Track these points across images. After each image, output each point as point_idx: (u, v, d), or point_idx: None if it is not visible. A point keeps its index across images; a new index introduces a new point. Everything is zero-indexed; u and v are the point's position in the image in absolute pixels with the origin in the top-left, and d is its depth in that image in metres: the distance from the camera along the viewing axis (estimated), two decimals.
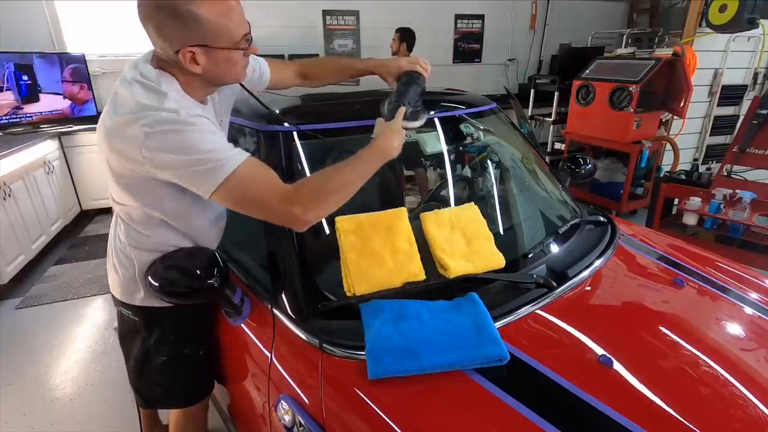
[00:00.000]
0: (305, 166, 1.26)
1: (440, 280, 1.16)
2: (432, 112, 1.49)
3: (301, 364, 0.99)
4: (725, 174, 2.96)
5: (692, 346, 1.02)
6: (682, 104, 3.51)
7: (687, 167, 3.47)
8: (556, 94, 4.44)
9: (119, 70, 1.71)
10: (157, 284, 0.99)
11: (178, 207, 1.03)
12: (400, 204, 1.33)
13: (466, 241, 1.23)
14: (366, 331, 0.97)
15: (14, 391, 2.03)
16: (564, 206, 1.61)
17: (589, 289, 1.23)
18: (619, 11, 5.98)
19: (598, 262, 1.31)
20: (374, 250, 1.14)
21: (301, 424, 0.89)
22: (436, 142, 1.78)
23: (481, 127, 1.75)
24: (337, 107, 1.53)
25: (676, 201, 3.19)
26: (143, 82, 0.90)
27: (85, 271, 3.09)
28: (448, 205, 1.39)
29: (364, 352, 0.93)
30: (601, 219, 1.61)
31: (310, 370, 0.96)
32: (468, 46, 5.46)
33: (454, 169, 1.90)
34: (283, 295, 1.11)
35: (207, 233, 1.15)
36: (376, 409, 0.85)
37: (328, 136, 1.27)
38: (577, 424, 0.83)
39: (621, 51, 3.95)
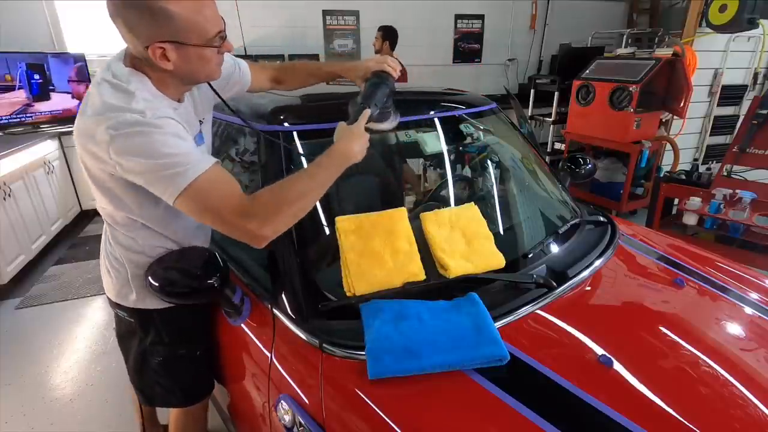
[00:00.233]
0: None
1: (440, 280, 1.16)
2: (432, 112, 1.49)
3: (301, 364, 0.99)
4: (725, 174, 2.95)
5: (692, 346, 1.02)
6: (682, 104, 3.51)
7: (687, 167, 3.47)
8: (556, 94, 4.45)
9: None
10: (157, 284, 0.99)
11: (156, 211, 1.00)
12: (400, 204, 1.33)
13: (466, 241, 1.23)
14: (366, 331, 0.97)
15: (14, 391, 2.03)
16: (564, 206, 1.61)
17: (589, 289, 1.23)
18: (619, 11, 5.98)
19: (598, 262, 1.31)
20: (374, 250, 1.14)
21: (301, 424, 0.89)
22: (436, 142, 1.78)
23: (481, 127, 1.75)
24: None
25: (676, 201, 3.19)
26: (112, 82, 0.88)
27: (85, 271, 3.09)
28: (448, 205, 1.39)
29: (364, 352, 0.93)
30: (601, 219, 1.61)
31: (310, 370, 0.96)
32: (468, 46, 5.46)
33: (454, 169, 1.90)
34: (283, 295, 1.11)
35: (191, 237, 1.12)
36: (376, 409, 0.85)
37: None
38: (577, 424, 0.83)
39: (621, 51, 3.95)
